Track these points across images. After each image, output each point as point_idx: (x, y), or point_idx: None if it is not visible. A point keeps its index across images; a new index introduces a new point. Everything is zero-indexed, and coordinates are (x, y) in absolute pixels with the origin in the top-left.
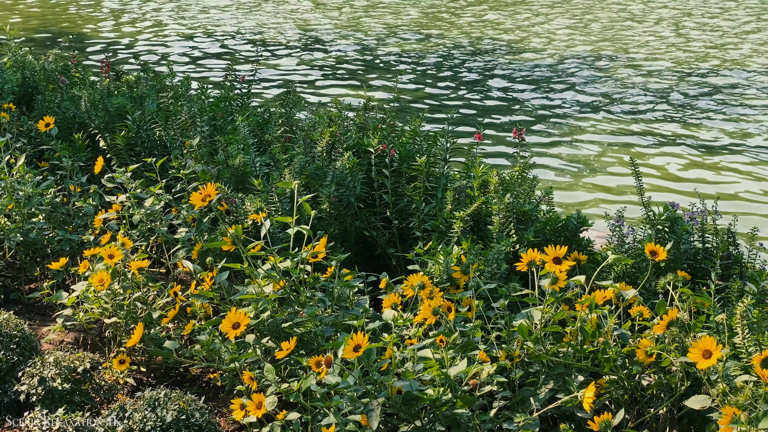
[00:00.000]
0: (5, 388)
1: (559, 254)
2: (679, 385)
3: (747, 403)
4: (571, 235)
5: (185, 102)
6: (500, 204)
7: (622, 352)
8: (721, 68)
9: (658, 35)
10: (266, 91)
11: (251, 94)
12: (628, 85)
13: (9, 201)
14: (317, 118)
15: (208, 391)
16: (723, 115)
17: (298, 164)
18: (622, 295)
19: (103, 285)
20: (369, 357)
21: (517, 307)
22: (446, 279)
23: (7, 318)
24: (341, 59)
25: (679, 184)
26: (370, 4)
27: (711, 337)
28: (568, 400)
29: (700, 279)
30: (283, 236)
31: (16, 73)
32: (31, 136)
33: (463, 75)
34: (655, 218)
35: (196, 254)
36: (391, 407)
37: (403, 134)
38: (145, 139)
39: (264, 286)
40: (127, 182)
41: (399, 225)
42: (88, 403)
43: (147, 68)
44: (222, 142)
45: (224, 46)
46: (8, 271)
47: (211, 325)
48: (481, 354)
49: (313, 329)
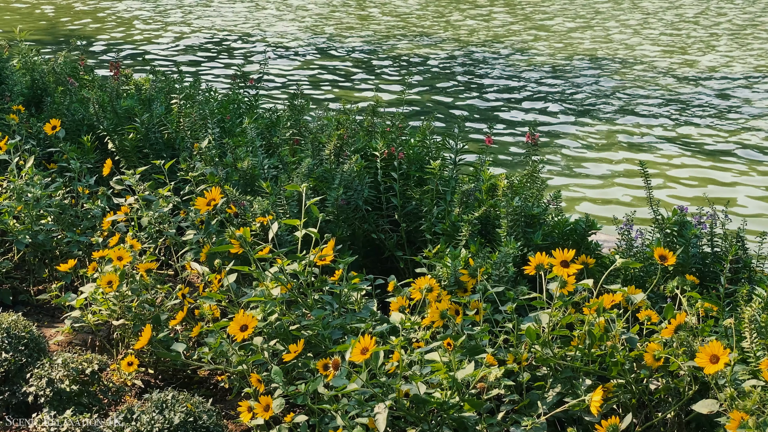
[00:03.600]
0: (14, 389)
1: (567, 258)
2: (686, 390)
3: (755, 408)
4: (579, 239)
5: (196, 104)
6: (508, 207)
7: (630, 356)
8: (733, 72)
9: (668, 38)
10: (274, 93)
11: (259, 96)
12: (638, 89)
13: (18, 203)
14: (325, 121)
15: (215, 394)
16: (734, 119)
17: (306, 167)
18: (631, 299)
19: (112, 287)
20: (376, 360)
21: (524, 310)
22: (454, 282)
23: (15, 319)
24: (349, 61)
25: (689, 188)
26: (378, 5)
27: (718, 342)
28: (575, 403)
29: (709, 283)
30: (291, 239)
31: (25, 75)
32: (40, 138)
33: (470, 77)
34: (664, 222)
35: (204, 256)
36: (399, 410)
37: (411, 137)
38: (153, 141)
39: (272, 288)
40: (136, 184)
41: (407, 228)
42: (96, 405)
43: (155, 71)
44: (230, 145)
45: (232, 47)
46: (17, 273)
47: (219, 328)
48: (489, 357)
49: (321, 332)
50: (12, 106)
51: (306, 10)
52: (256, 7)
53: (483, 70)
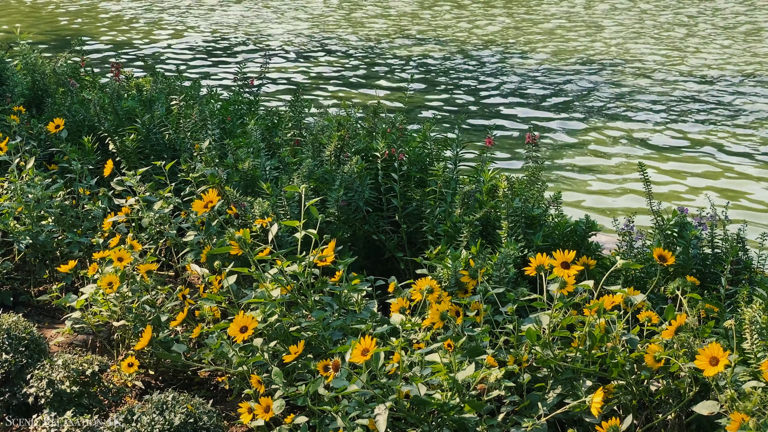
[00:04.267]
0: (14, 390)
1: (568, 259)
2: (687, 391)
3: (755, 409)
4: (579, 240)
5: (197, 104)
6: (509, 208)
7: (631, 358)
8: (732, 74)
9: (670, 40)
10: (275, 94)
11: (260, 96)
12: (636, 91)
13: (19, 204)
14: (326, 122)
15: (216, 395)
16: (734, 121)
17: (306, 168)
18: (631, 300)
19: (112, 288)
20: (377, 361)
21: (525, 311)
22: (455, 283)
23: (16, 320)
24: (349, 62)
25: (689, 189)
26: (380, 7)
27: (718, 344)
28: (576, 405)
29: (710, 284)
30: (291, 240)
31: (26, 76)
32: (40, 139)
33: (470, 77)
34: (664, 223)
35: (204, 257)
36: (399, 411)
37: (412, 138)
38: (154, 142)
39: (272, 289)
40: (137, 185)
41: (407, 229)
42: (97, 406)
43: (156, 72)
44: (231, 146)
45: (232, 49)
46: (18, 274)
47: (219, 329)
48: (489, 358)
49: (321, 333)
50: (13, 107)
51: (306, 12)
52: (256, 7)
53: (483, 71)
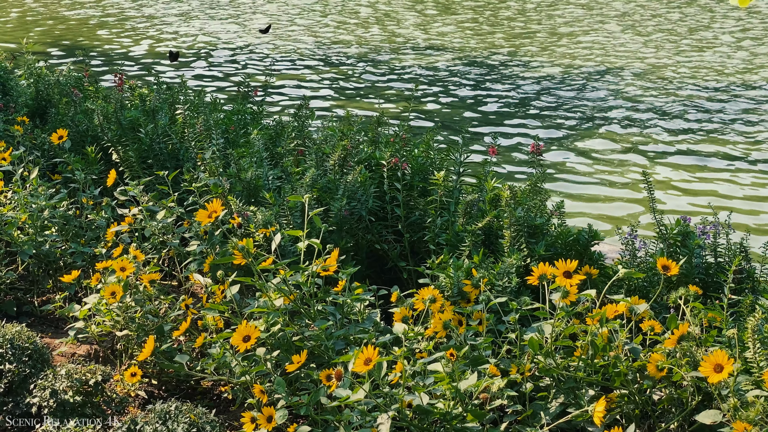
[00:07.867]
0: (17, 400)
1: (570, 268)
2: (690, 400)
3: (758, 419)
4: (582, 249)
5: (201, 114)
6: (511, 218)
7: (633, 367)
8: (738, 81)
9: (675, 48)
10: (279, 104)
11: (264, 106)
12: (641, 99)
13: (22, 214)
14: (329, 132)
15: (219, 404)
16: (738, 129)
17: (309, 178)
18: (634, 309)
19: (115, 298)
20: (379, 370)
21: (527, 320)
22: (457, 293)
23: (19, 330)
24: (354, 71)
25: (693, 198)
26: (380, 17)
27: (722, 351)
28: (578, 414)
29: (713, 293)
30: (294, 249)
31: (30, 86)
32: (44, 149)
33: (474, 86)
34: (667, 232)
35: (207, 267)
36: (402, 421)
37: (415, 148)
38: (157, 152)
39: (275, 299)
40: (140, 195)
41: (410, 238)
42: (100, 416)
43: (160, 81)
44: (234, 156)
45: (236, 57)
46: (21, 284)
47: (222, 338)
48: (492, 368)
49: (324, 342)
50: (17, 117)
51: (311, 20)
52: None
53: (487, 80)
